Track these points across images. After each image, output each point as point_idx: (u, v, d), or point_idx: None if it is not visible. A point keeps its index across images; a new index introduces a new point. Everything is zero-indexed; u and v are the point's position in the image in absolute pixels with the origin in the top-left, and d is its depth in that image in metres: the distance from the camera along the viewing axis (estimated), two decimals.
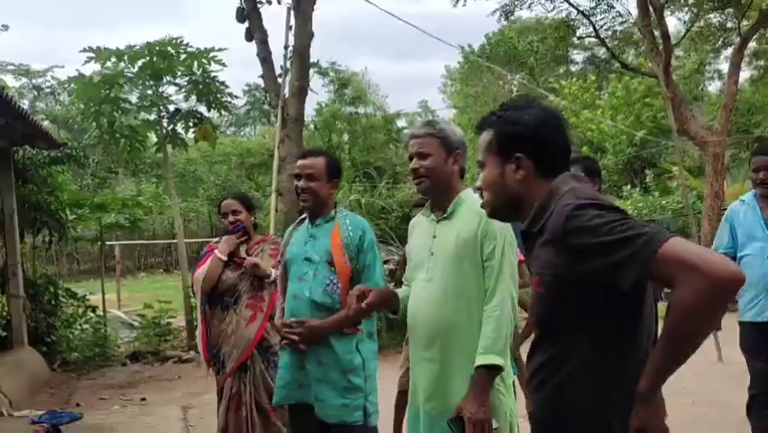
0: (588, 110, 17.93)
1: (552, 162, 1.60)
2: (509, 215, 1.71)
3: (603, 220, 1.34)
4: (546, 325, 1.55)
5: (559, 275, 1.44)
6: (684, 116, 10.43)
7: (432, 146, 2.33)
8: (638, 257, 1.26)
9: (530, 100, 1.69)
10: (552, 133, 1.60)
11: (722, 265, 1.20)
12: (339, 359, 2.84)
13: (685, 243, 1.27)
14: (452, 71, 33.18)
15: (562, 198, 1.49)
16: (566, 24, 12.08)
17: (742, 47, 10.70)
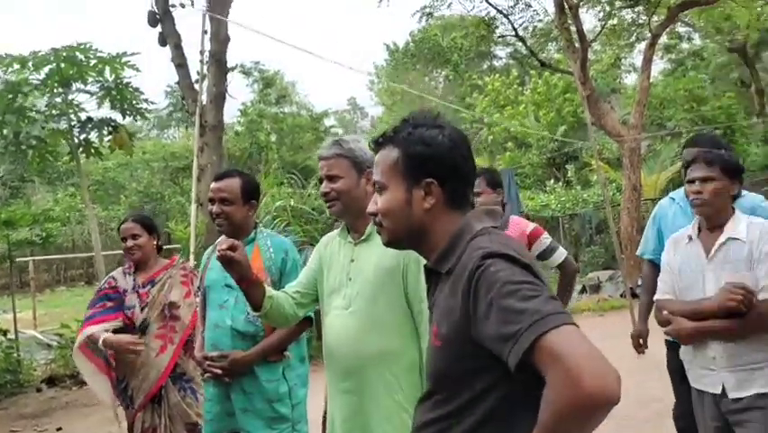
0: (511, 106, 18.30)
1: (462, 191, 1.45)
2: (409, 246, 1.51)
3: (509, 279, 1.19)
4: (439, 381, 1.37)
5: (459, 329, 1.27)
6: (601, 112, 10.78)
7: (341, 167, 2.21)
8: (522, 337, 1.11)
9: (438, 118, 1.48)
10: (464, 158, 1.44)
11: (599, 381, 1.04)
12: (263, 388, 2.74)
13: (574, 337, 1.10)
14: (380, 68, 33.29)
15: (475, 240, 1.35)
16: (486, 23, 12.26)
17: (653, 44, 11.15)
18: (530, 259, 1.33)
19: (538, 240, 3.57)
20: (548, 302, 1.15)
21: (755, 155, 14.09)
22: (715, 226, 2.55)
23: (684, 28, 22.59)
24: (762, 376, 2.39)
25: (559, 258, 3.60)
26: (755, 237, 2.42)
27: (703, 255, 2.53)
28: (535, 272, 1.26)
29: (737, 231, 2.48)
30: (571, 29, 10.67)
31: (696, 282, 2.52)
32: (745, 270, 2.41)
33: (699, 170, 2.56)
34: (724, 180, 2.52)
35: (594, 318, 8.83)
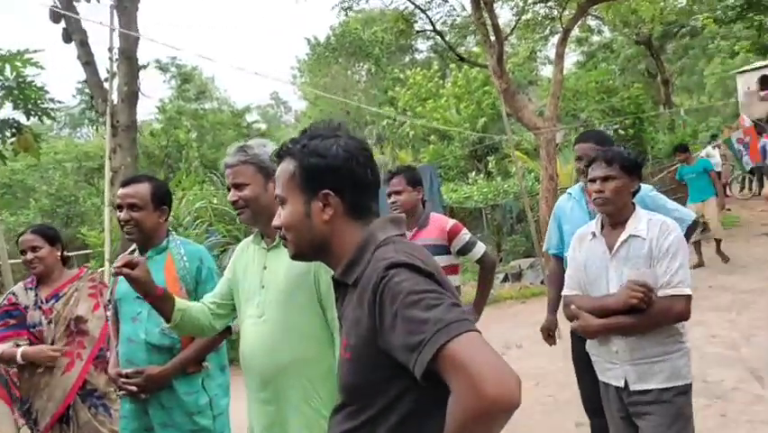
0: (432, 99, 18.52)
1: (363, 201, 1.45)
2: (315, 258, 1.52)
3: (412, 289, 1.20)
4: (350, 393, 1.38)
5: (367, 340, 1.28)
6: (518, 105, 11.07)
7: (247, 174, 2.17)
8: (426, 346, 1.13)
9: (336, 128, 1.48)
10: (363, 167, 1.43)
11: (500, 387, 1.07)
12: (182, 401, 2.67)
13: (476, 344, 1.12)
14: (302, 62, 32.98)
15: (379, 250, 1.35)
16: (404, 18, 12.34)
17: (564, 38, 11.52)
18: (434, 267, 1.34)
19: (458, 236, 3.63)
20: (451, 310, 1.17)
21: (662, 143, 14.85)
22: (617, 223, 2.60)
23: (595, 21, 23.55)
24: (662, 370, 2.46)
25: (478, 253, 3.68)
26: (655, 234, 2.48)
27: (606, 252, 2.58)
28: (439, 280, 1.27)
29: (638, 228, 2.53)
30: (487, 24, 10.88)
31: (600, 278, 2.58)
32: (645, 266, 2.46)
33: (599, 169, 2.60)
34: (624, 178, 2.57)
35: (517, 306, 9.08)
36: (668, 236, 2.45)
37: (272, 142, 2.26)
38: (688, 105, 29.52)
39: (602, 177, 2.57)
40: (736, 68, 26.50)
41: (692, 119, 23.96)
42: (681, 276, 2.41)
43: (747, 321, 6.23)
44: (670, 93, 23.94)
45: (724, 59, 26.51)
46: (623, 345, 2.51)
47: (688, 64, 28.56)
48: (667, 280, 2.41)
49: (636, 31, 21.25)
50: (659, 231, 2.47)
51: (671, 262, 2.42)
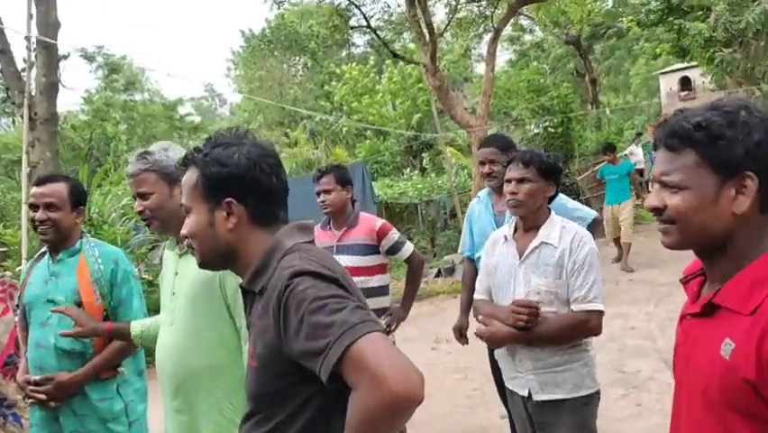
0: (369, 94, 18.55)
1: (268, 208, 1.45)
2: (222, 267, 1.53)
3: (316, 295, 1.22)
4: (258, 401, 1.39)
5: (273, 348, 1.29)
6: (451, 102, 11.23)
7: (151, 182, 2.11)
8: (332, 350, 1.15)
9: (242, 135, 1.47)
10: (267, 174, 1.42)
11: (402, 383, 1.10)
12: (96, 408, 2.58)
13: (378, 344, 1.15)
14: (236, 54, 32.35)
15: (285, 258, 1.36)
16: (338, 13, 12.29)
17: (495, 37, 11.76)
18: (340, 272, 1.37)
19: (387, 235, 3.65)
20: (354, 312, 1.20)
21: (589, 141, 15.37)
22: (530, 228, 2.54)
23: (527, 21, 24.14)
24: (565, 381, 2.43)
25: (407, 252, 3.71)
26: (567, 245, 2.42)
27: (516, 256, 2.53)
28: (344, 285, 1.30)
29: (551, 236, 2.47)
30: (422, 21, 10.98)
31: (508, 283, 2.53)
32: (553, 276, 2.42)
33: (515, 170, 2.53)
34: (539, 182, 2.50)
35: (449, 300, 9.21)
36: (582, 248, 2.41)
37: (177, 146, 2.21)
38: (615, 104, 30.69)
39: (517, 178, 2.51)
40: (659, 69, 27.71)
41: (618, 118, 24.89)
42: (595, 291, 2.39)
43: (664, 313, 6.54)
44: (597, 92, 24.80)
45: (648, 60, 27.68)
46: (526, 355, 2.47)
47: (614, 64, 29.68)
48: (583, 295, 2.38)
49: (566, 31, 21.91)
50: (572, 242, 2.43)
51: (586, 276, 2.39)
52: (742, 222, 1.20)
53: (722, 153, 1.18)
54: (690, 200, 1.22)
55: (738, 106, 1.20)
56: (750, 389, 1.14)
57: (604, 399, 4.70)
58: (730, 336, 1.18)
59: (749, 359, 1.13)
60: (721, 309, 1.23)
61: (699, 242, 1.26)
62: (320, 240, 3.75)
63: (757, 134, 1.17)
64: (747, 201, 1.19)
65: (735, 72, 9.74)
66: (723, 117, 1.19)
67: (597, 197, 12.89)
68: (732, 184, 1.19)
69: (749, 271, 1.20)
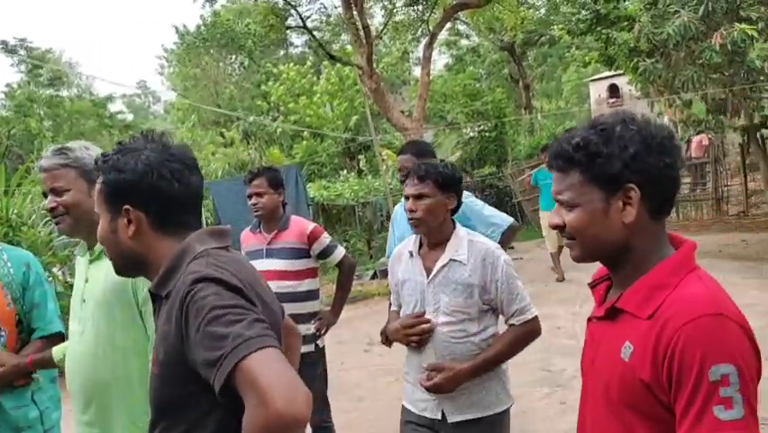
0: (306, 95, 18.42)
1: (172, 214, 1.42)
2: (134, 273, 1.52)
3: (216, 304, 1.20)
4: (160, 409, 1.36)
5: (174, 355, 1.27)
6: (387, 105, 11.31)
7: (69, 179, 2.03)
8: (225, 362, 1.14)
9: (150, 139, 1.45)
10: (167, 180, 1.39)
11: (288, 403, 1.09)
12: (9, 416, 2.46)
13: (271, 360, 1.14)
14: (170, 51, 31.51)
15: (192, 263, 1.34)
16: (274, 13, 12.16)
17: (431, 42, 11.91)
18: (248, 280, 1.35)
19: (318, 239, 3.64)
20: (252, 326, 1.19)
21: (522, 145, 15.76)
22: (436, 244, 2.42)
23: (464, 26, 24.56)
24: (480, 400, 2.37)
25: (338, 256, 3.72)
26: (479, 263, 2.34)
27: (424, 274, 2.42)
28: (248, 294, 1.28)
29: (459, 252, 2.38)
30: (358, 24, 11.00)
31: (417, 302, 2.43)
32: (463, 295, 2.34)
33: (411, 186, 2.41)
34: (438, 196, 2.38)
35: (384, 302, 9.24)
36: (497, 265, 2.34)
37: (97, 147, 2.13)
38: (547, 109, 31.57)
39: (414, 195, 2.39)
40: (589, 76, 28.64)
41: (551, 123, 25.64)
42: (526, 299, 2.38)
43: (588, 313, 6.77)
44: (531, 97, 25.48)
45: (578, 67, 28.57)
46: (438, 376, 2.34)
47: (547, 71, 30.52)
48: (520, 308, 2.35)
49: (500, 37, 22.42)
50: (484, 260, 2.35)
51: (512, 289, 2.35)
52: (635, 231, 1.27)
53: (602, 170, 1.24)
54: (582, 216, 1.29)
55: (615, 122, 1.27)
56: (646, 390, 1.19)
57: (530, 397, 4.89)
58: (630, 338, 1.24)
59: (645, 361, 1.19)
60: (623, 313, 1.29)
61: (600, 253, 1.33)
62: (249, 243, 3.72)
63: (633, 147, 1.23)
64: (634, 212, 1.25)
65: (657, 81, 10.17)
66: (599, 135, 1.25)
67: (529, 200, 13.25)
68: (618, 197, 1.25)
69: (648, 278, 1.27)
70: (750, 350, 1.16)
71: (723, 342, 1.13)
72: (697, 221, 13.15)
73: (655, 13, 9.43)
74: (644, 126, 1.26)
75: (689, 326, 1.14)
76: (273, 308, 1.45)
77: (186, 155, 1.45)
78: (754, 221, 12.31)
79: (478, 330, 2.37)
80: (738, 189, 13.61)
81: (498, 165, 14.36)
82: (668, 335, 1.16)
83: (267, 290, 1.46)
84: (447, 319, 2.36)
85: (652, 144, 1.24)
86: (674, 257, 1.28)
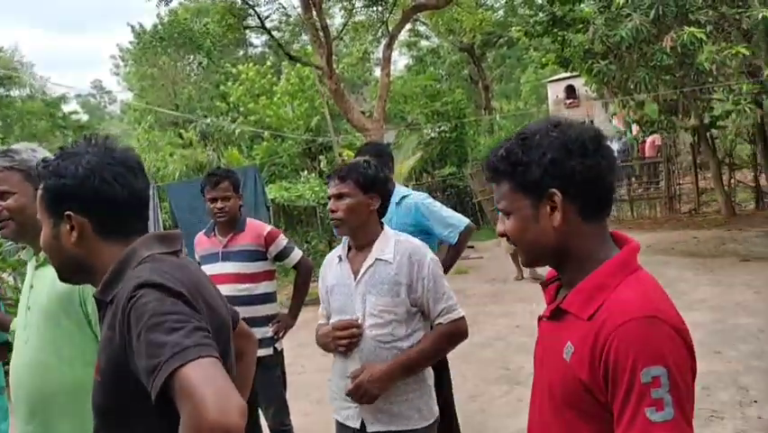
0: (266, 95, 18.23)
1: (116, 219, 1.39)
2: (80, 280, 1.50)
3: (156, 310, 1.19)
4: (103, 417, 1.34)
5: (117, 361, 1.25)
6: (348, 106, 11.30)
7: (13, 181, 1.96)
8: (161, 371, 1.12)
9: (92, 143, 1.42)
10: (109, 184, 1.36)
11: (221, 414, 1.07)
12: None
13: (207, 370, 1.13)
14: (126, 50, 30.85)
15: (137, 268, 1.32)
16: (232, 13, 12.02)
17: (390, 43, 11.95)
18: (193, 286, 1.33)
19: (275, 241, 3.63)
20: (191, 334, 1.17)
21: (482, 145, 15.93)
22: (363, 245, 2.40)
23: (424, 27, 24.69)
24: (401, 412, 2.33)
25: (295, 258, 3.70)
26: (405, 261, 2.32)
27: (351, 277, 2.39)
28: (191, 300, 1.26)
29: (385, 252, 2.36)
30: (317, 24, 10.96)
31: (347, 305, 2.39)
32: (391, 293, 2.31)
33: (332, 186, 2.40)
34: (359, 196, 2.35)
35: None
36: (423, 264, 2.32)
37: (45, 150, 2.07)
38: (507, 110, 31.97)
39: (335, 194, 2.37)
40: (547, 77, 29.12)
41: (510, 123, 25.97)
42: (453, 299, 2.36)
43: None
44: (490, 98, 25.74)
45: (536, 68, 29.01)
46: None
47: (506, 72, 30.92)
48: (446, 307, 2.33)
49: (460, 39, 22.60)
50: (410, 258, 2.32)
51: (438, 289, 2.33)
52: (568, 234, 1.30)
53: (525, 177, 1.29)
54: (516, 224, 1.34)
55: (536, 130, 1.30)
56: (585, 390, 1.22)
57: (489, 395, 4.95)
58: (571, 339, 1.27)
59: (584, 362, 1.21)
60: (567, 314, 1.31)
61: (540, 257, 1.37)
62: (203, 246, 3.67)
63: (551, 153, 1.26)
64: (559, 216, 1.28)
65: (611, 82, 10.42)
66: (519, 144, 1.30)
67: (488, 199, 13.40)
68: (545, 202, 1.29)
69: (590, 279, 1.29)
70: (683, 351, 1.17)
71: (654, 344, 1.14)
72: (651, 219, 13.51)
73: (609, 16, 9.65)
74: (566, 131, 1.29)
75: (622, 328, 1.16)
76: (221, 313, 1.42)
77: (130, 158, 1.43)
78: (705, 218, 12.71)
79: (405, 334, 2.32)
80: (690, 188, 14.03)
81: (459, 165, 14.49)
82: (604, 336, 1.18)
83: (215, 295, 1.44)
84: (374, 321, 2.33)
85: (572, 148, 1.26)
86: (615, 259, 1.30)
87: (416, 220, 3.46)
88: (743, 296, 6.90)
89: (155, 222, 7.21)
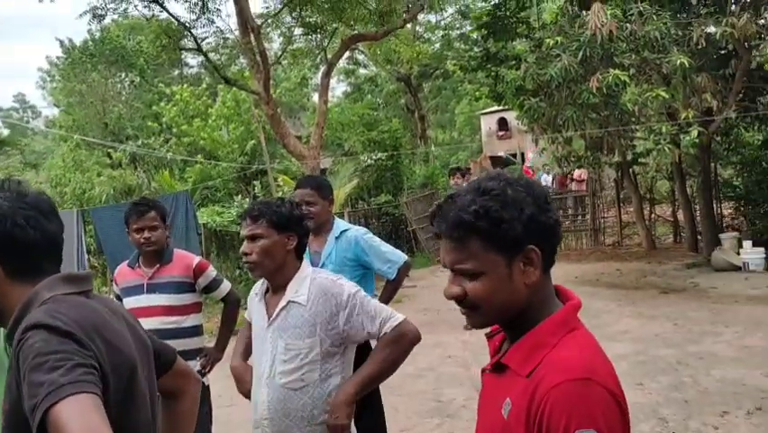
0: (200, 117, 17.94)
1: (27, 261, 1.38)
2: None
3: (40, 351, 1.19)
4: None
5: (16, 405, 1.24)
6: (283, 132, 11.24)
7: None
8: (38, 411, 1.12)
9: (7, 187, 1.41)
10: (21, 227, 1.35)
11: None
12: None
13: (78, 408, 1.13)
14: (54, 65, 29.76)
15: (35, 310, 1.31)
16: (166, 33, 11.81)
17: (329, 71, 12.03)
18: (90, 324, 1.30)
19: (204, 273, 3.54)
20: (70, 372, 1.17)
21: (417, 175, 16.15)
22: (279, 286, 2.31)
23: (362, 56, 24.99)
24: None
25: (224, 290, 3.63)
26: (320, 299, 2.24)
27: (266, 319, 2.32)
28: (80, 338, 1.25)
29: (299, 292, 2.27)
30: (255, 49, 10.90)
31: (261, 346, 2.33)
32: (305, 336, 2.23)
33: (245, 226, 2.29)
34: (273, 236, 2.25)
35: None
36: (340, 297, 2.24)
37: None
38: (441, 139, 32.60)
39: (248, 236, 2.26)
40: (481, 109, 29.97)
41: (444, 153, 26.48)
42: (387, 310, 2.28)
43: (477, 340, 6.98)
44: (426, 128, 26.21)
45: (471, 100, 29.83)
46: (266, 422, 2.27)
47: (441, 103, 31.61)
48: (382, 319, 2.25)
49: (397, 69, 23.00)
50: (325, 296, 2.24)
51: (365, 308, 2.25)
52: (533, 290, 1.28)
53: (505, 235, 1.23)
54: (488, 284, 1.26)
55: (503, 185, 1.27)
56: None
57: (422, 428, 4.93)
58: (510, 395, 1.25)
59: (520, 420, 1.20)
60: (507, 369, 1.29)
61: (503, 318, 1.32)
62: (126, 278, 3.53)
63: (528, 208, 1.24)
64: (536, 272, 1.26)
65: (540, 119, 10.80)
66: (495, 201, 1.24)
67: (423, 228, 13.55)
68: (519, 259, 1.25)
69: (531, 335, 1.27)
70: (616, 414, 1.16)
71: (587, 407, 1.14)
72: (577, 250, 13.98)
73: (540, 55, 10.04)
74: (529, 186, 1.28)
75: (557, 388, 1.15)
76: (124, 350, 1.38)
77: (42, 202, 1.42)
78: (627, 251, 13.26)
79: (318, 378, 2.23)
80: (613, 221, 14.64)
81: (395, 193, 14.61)
82: (539, 396, 1.17)
83: (119, 333, 1.41)
84: (283, 368, 2.24)
85: (540, 204, 1.26)
86: (556, 315, 1.29)
87: (356, 254, 3.45)
88: (662, 327, 7.19)
89: (78, 247, 6.91)
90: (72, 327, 1.25)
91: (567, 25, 9.92)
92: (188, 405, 1.74)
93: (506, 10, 12.97)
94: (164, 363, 1.62)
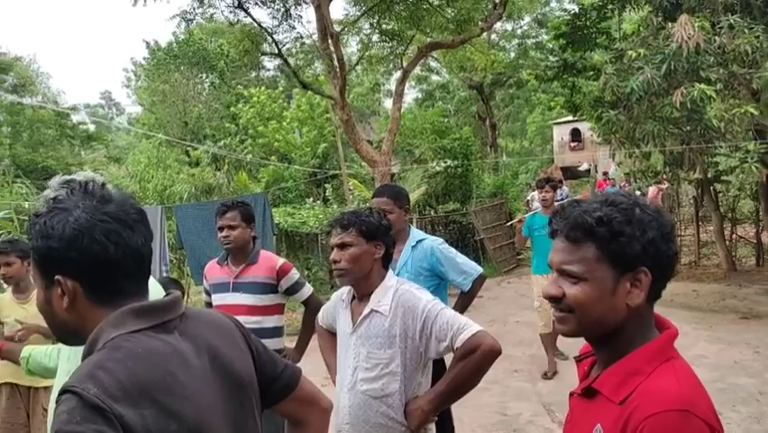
0: (276, 120, 18.44)
1: (107, 281, 1.23)
2: (77, 343, 1.30)
3: (59, 427, 1.08)
4: None
5: None
6: (356, 137, 11.40)
7: None
8: None
9: (91, 192, 1.26)
10: (101, 243, 1.20)
11: None
12: None
13: None
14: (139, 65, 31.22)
15: (88, 360, 1.18)
16: (249, 38, 12.21)
17: (403, 79, 12.12)
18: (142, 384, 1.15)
19: (287, 275, 3.65)
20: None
21: (486, 184, 16.03)
22: (364, 295, 2.37)
23: (435, 62, 25.02)
24: None
25: (305, 294, 3.72)
26: (399, 312, 2.27)
27: (351, 326, 2.38)
28: (108, 416, 1.09)
29: (382, 303, 2.31)
30: (333, 55, 11.12)
31: (345, 352, 2.40)
32: (383, 346, 2.27)
33: (334, 235, 2.35)
34: (362, 245, 2.32)
35: None
36: (415, 311, 2.25)
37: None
38: (512, 148, 32.22)
39: (338, 244, 2.33)
40: (553, 119, 29.46)
41: (514, 162, 26.14)
42: (461, 321, 2.24)
43: (545, 355, 6.88)
44: (496, 136, 26.00)
45: (543, 110, 29.37)
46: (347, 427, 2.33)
47: (513, 111, 31.24)
48: (455, 329, 2.22)
49: (470, 76, 22.91)
50: (403, 309, 2.27)
51: (440, 318, 2.24)
52: (634, 313, 1.27)
53: (621, 249, 1.24)
54: (590, 292, 1.26)
55: (632, 203, 1.27)
56: None
57: None
58: (602, 421, 1.25)
59: None
60: (598, 394, 1.29)
61: (595, 331, 1.31)
62: (214, 275, 3.69)
63: (651, 232, 1.25)
64: (642, 295, 1.26)
65: (618, 132, 10.52)
66: (621, 214, 1.25)
67: (491, 238, 13.44)
68: (627, 278, 1.25)
69: (625, 362, 1.27)
70: None
71: None
72: None
73: (620, 66, 9.80)
74: (658, 214, 1.29)
75: (652, 419, 1.15)
76: (185, 413, 1.19)
77: (126, 211, 1.26)
78: (705, 271, 12.72)
79: (399, 389, 2.26)
80: (691, 240, 14.08)
81: (463, 202, 14.55)
82: (633, 425, 1.17)
83: (188, 389, 1.21)
84: (365, 375, 2.29)
85: (664, 232, 1.27)
86: (653, 343, 1.28)
87: (431, 264, 3.49)
88: (742, 355, 6.89)
89: (161, 243, 7.25)
90: (108, 395, 1.10)
91: (651, 37, 9.64)
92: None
93: (586, 20, 12.71)
94: (282, 389, 1.51)
